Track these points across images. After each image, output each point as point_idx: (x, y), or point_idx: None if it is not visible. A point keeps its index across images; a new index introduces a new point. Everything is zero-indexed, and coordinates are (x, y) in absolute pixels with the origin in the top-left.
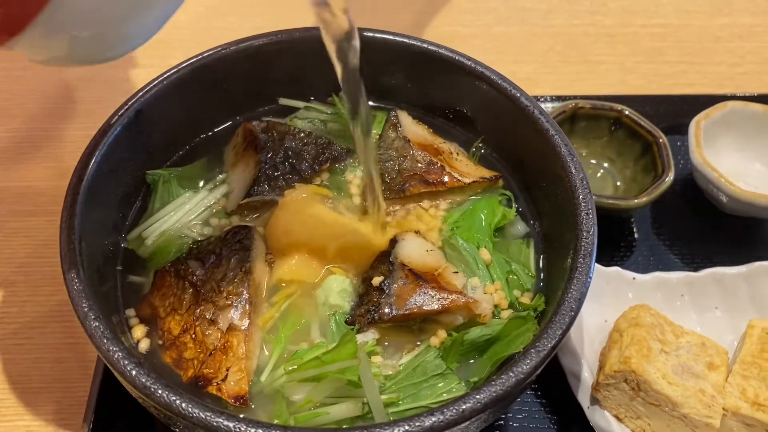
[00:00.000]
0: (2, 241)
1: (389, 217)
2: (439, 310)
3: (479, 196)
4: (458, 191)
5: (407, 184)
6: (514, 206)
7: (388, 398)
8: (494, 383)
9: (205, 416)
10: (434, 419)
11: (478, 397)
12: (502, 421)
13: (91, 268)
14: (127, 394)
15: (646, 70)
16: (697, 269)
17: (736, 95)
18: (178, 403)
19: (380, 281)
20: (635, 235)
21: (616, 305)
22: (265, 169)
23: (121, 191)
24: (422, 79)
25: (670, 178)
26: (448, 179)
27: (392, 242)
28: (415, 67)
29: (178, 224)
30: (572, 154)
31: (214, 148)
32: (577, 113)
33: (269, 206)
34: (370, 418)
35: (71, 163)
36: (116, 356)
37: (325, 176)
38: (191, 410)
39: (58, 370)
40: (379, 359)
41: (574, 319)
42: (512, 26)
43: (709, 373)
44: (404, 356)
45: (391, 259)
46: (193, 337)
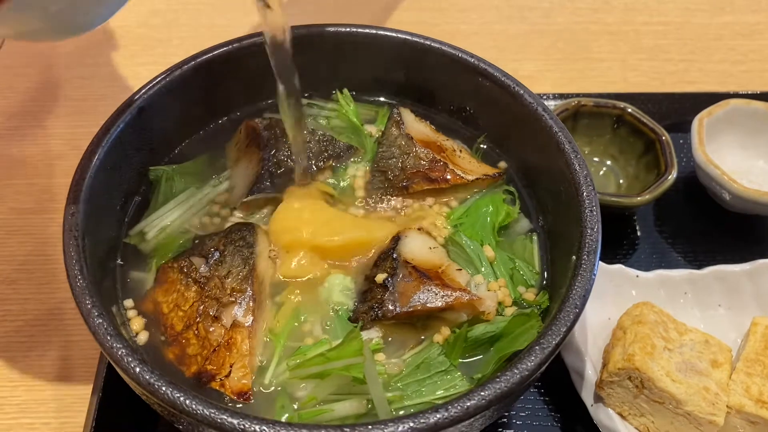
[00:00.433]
0: (4, 239)
1: (392, 214)
2: (442, 307)
3: (483, 193)
4: (461, 188)
5: (410, 181)
6: (517, 203)
7: (392, 395)
8: (499, 380)
9: (209, 413)
10: (439, 416)
11: (482, 393)
12: (505, 418)
13: (93, 264)
14: (129, 391)
15: (648, 67)
16: (700, 267)
17: (738, 93)
18: (182, 399)
19: (384, 278)
20: (638, 232)
21: (619, 303)
22: (267, 166)
23: (123, 188)
24: (425, 76)
25: (672, 175)
26: (451, 176)
27: (395, 239)
28: (418, 64)
29: (179, 220)
30: (576, 151)
31: (214, 143)
32: (579, 111)
33: (272, 203)
34: (374, 415)
35: (73, 160)
36: (120, 353)
37: (327, 173)
38: (195, 407)
39: (60, 367)
40: (382, 356)
41: (578, 316)
42: (514, 24)
43: (712, 370)
44: (408, 353)
45: (394, 256)
46: (196, 333)
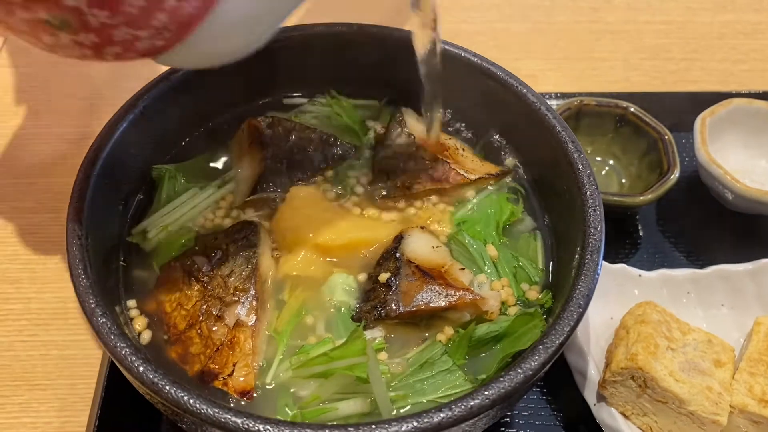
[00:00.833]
0: (6, 237)
1: (395, 213)
2: (446, 307)
3: (486, 192)
4: (464, 187)
5: (413, 180)
6: (521, 202)
7: (395, 394)
8: (502, 379)
9: (212, 412)
10: (443, 415)
11: (486, 393)
12: (508, 418)
13: (96, 264)
14: (133, 390)
15: (649, 67)
16: (702, 266)
17: (740, 92)
18: (185, 399)
19: (387, 277)
20: (640, 232)
21: (622, 302)
22: (270, 165)
23: (125, 187)
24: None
25: (675, 175)
26: (453, 176)
27: (398, 238)
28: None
29: (182, 219)
30: (579, 150)
31: (216, 140)
32: (582, 110)
33: (275, 202)
34: (378, 414)
35: (75, 160)
36: (123, 352)
37: (329, 172)
38: (199, 406)
39: (63, 366)
40: (385, 355)
41: (582, 315)
42: (515, 23)
43: (716, 370)
44: (411, 352)
45: (397, 255)
46: (199, 332)
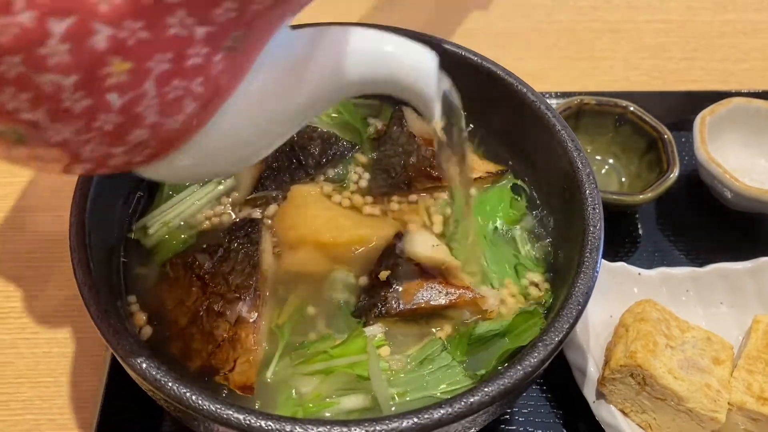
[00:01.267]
0: (9, 236)
1: (395, 211)
2: (446, 305)
3: (486, 190)
4: None
5: (413, 179)
6: (522, 199)
7: (395, 390)
8: (502, 376)
9: (215, 409)
10: (443, 411)
11: (486, 389)
12: (507, 415)
13: (99, 261)
14: (135, 387)
15: (649, 66)
16: (702, 265)
17: (740, 92)
18: (188, 395)
19: (387, 275)
20: (640, 230)
21: (621, 300)
22: (270, 164)
23: (128, 184)
24: None
25: (675, 174)
26: None
27: (398, 236)
28: None
29: (183, 215)
30: (579, 149)
31: None
32: (582, 109)
33: (276, 200)
34: (378, 410)
35: None
36: (127, 349)
37: (330, 171)
38: (201, 402)
39: (65, 364)
40: (386, 351)
41: (581, 313)
42: (515, 22)
43: (714, 367)
44: (411, 349)
45: (397, 252)
46: (200, 328)
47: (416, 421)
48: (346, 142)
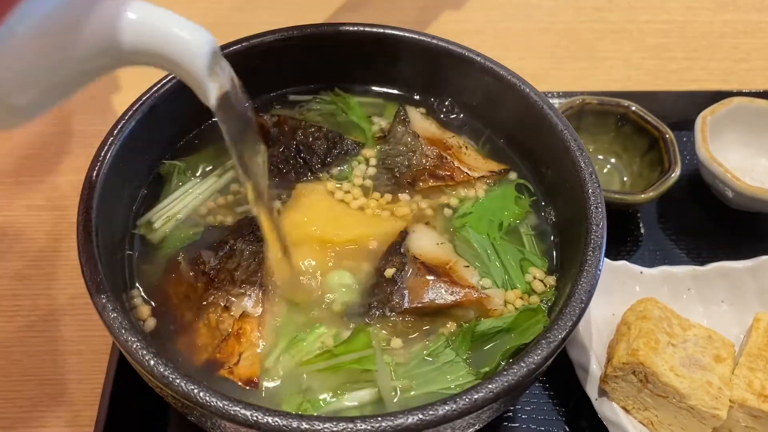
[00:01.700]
0: (16, 235)
1: (399, 210)
2: (451, 304)
3: (490, 189)
4: (468, 185)
5: (417, 178)
6: (526, 198)
7: (400, 384)
8: (506, 373)
9: (222, 405)
10: (447, 408)
11: (490, 386)
12: (510, 412)
13: (105, 259)
14: (141, 384)
15: (651, 66)
16: (703, 263)
17: (741, 91)
18: (195, 392)
19: (392, 273)
20: (642, 229)
21: (623, 299)
22: (276, 163)
23: (134, 183)
24: (431, 74)
25: (676, 173)
26: (457, 173)
27: (403, 234)
28: (424, 62)
29: (187, 210)
30: (581, 148)
31: (222, 135)
32: (584, 109)
33: (281, 198)
34: (383, 404)
35: (82, 158)
36: (135, 346)
37: (335, 169)
38: (209, 399)
39: (71, 362)
40: (391, 346)
41: (584, 311)
42: (518, 22)
43: (716, 365)
44: (415, 345)
45: (402, 251)
46: (206, 323)
47: (421, 417)
48: (350, 141)
